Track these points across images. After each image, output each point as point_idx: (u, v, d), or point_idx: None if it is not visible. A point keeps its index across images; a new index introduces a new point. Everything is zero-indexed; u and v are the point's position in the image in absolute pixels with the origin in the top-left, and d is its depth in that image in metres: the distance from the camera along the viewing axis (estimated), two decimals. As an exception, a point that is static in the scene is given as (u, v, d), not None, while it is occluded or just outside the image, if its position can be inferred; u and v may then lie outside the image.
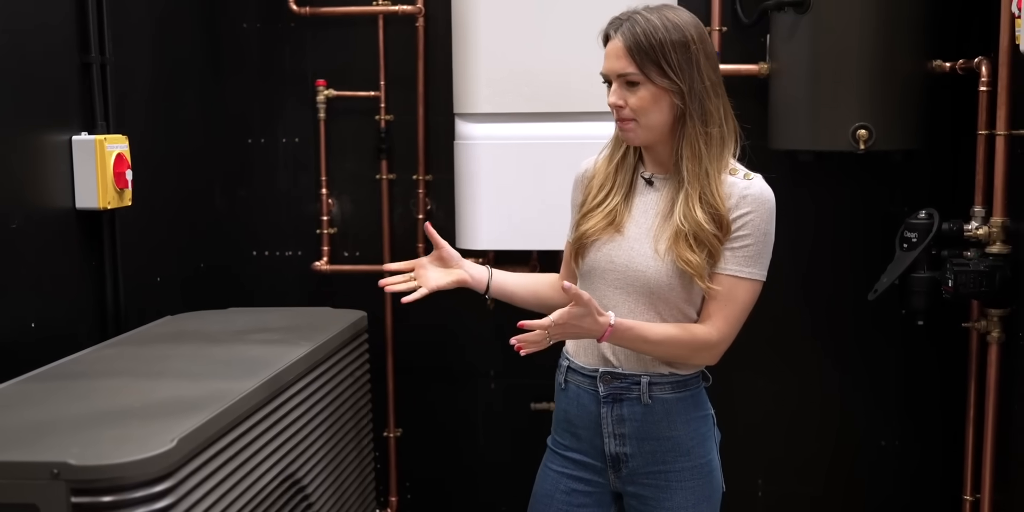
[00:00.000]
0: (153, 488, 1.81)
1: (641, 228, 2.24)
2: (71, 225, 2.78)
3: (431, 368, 3.72)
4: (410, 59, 3.58)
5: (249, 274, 3.69)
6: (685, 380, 2.30)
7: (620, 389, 2.27)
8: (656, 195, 2.26)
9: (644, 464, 2.29)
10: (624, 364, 2.27)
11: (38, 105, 2.66)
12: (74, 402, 2.10)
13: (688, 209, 2.18)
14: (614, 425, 2.29)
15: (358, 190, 3.67)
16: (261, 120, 3.66)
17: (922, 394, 3.52)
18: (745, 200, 2.19)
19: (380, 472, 3.72)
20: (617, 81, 2.18)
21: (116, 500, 1.78)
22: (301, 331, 2.77)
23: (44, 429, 1.93)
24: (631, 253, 2.22)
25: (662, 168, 2.27)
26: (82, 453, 1.79)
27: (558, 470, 2.38)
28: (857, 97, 3.14)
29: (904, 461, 3.56)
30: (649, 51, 2.15)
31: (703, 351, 2.23)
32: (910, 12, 3.14)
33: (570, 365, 2.34)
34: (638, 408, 2.27)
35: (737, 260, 2.20)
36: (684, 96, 2.17)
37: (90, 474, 1.76)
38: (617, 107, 2.19)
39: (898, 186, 3.43)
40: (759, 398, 3.61)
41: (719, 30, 3.45)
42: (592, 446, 2.33)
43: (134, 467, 1.79)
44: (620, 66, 2.17)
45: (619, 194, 2.28)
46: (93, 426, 1.95)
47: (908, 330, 3.37)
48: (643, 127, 2.19)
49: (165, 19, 3.33)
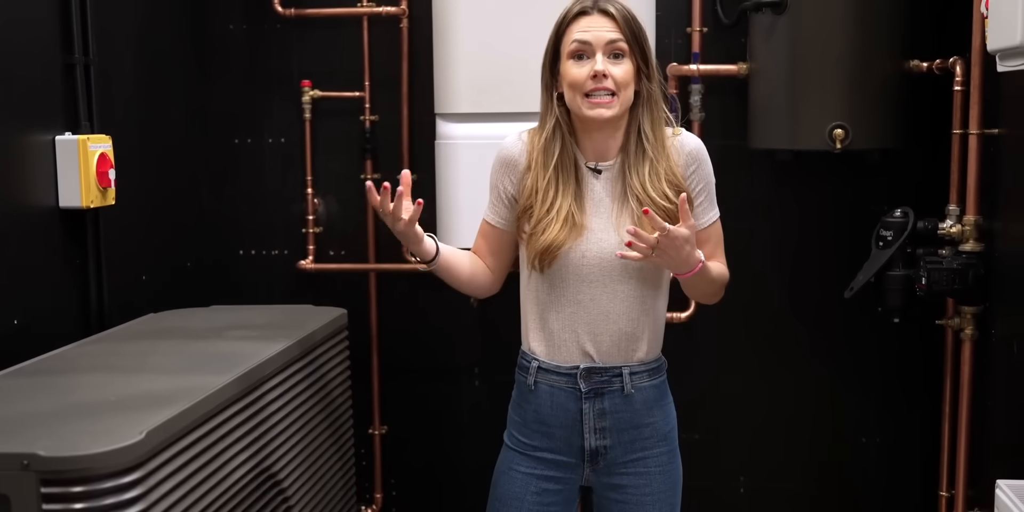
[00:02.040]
0: (122, 479, 1.85)
1: (601, 218, 2.28)
2: (54, 224, 2.81)
3: (416, 365, 3.75)
4: (394, 60, 3.61)
5: (236, 272, 3.73)
6: (657, 367, 2.38)
7: (601, 383, 2.31)
8: (604, 183, 2.31)
9: (623, 454, 2.34)
10: (604, 358, 2.31)
11: (21, 105, 2.69)
12: (49, 396, 2.13)
13: (655, 186, 2.25)
14: (595, 420, 2.32)
15: (343, 190, 3.70)
16: (247, 120, 3.69)
17: (903, 391, 3.55)
18: (690, 156, 2.34)
19: (365, 469, 3.76)
20: (603, 50, 2.23)
21: (85, 490, 1.81)
22: (280, 328, 2.80)
23: (17, 422, 1.97)
24: (600, 245, 2.26)
25: (603, 155, 2.32)
26: (52, 445, 1.82)
27: (527, 472, 2.39)
28: (833, 97, 3.17)
29: (886, 458, 3.59)
30: (636, 28, 2.25)
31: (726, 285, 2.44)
32: (887, 13, 3.17)
33: (540, 365, 2.36)
34: (619, 400, 2.31)
35: (705, 209, 2.36)
36: (651, 78, 2.28)
37: (59, 465, 1.79)
38: (603, 76, 2.21)
39: (877, 185, 3.45)
40: (742, 396, 3.63)
41: (700, 31, 3.48)
42: (567, 444, 2.35)
43: (103, 458, 1.82)
44: (613, 35, 2.23)
45: (567, 193, 2.30)
46: (66, 419, 1.98)
47: (889, 328, 3.39)
48: (620, 103, 2.24)
49: (150, 20, 3.36)
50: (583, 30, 2.24)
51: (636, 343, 2.32)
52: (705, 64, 3.46)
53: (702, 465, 3.55)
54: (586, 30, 2.24)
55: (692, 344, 3.52)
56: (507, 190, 2.39)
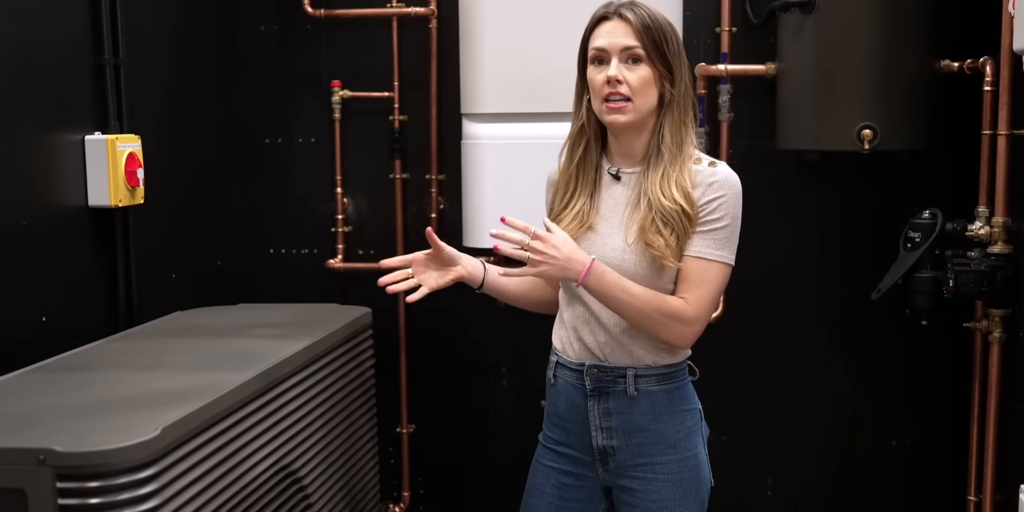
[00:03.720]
0: (137, 475, 1.87)
1: (611, 223, 2.29)
2: (83, 222, 2.86)
3: (444, 365, 3.76)
4: (423, 60, 3.62)
5: (265, 272, 3.76)
6: (671, 373, 2.33)
7: (606, 382, 2.31)
8: (623, 188, 2.31)
9: (631, 457, 2.33)
10: (609, 357, 2.31)
11: (52, 106, 2.74)
12: (68, 392, 2.17)
13: (664, 188, 2.23)
14: (601, 418, 2.32)
15: (372, 189, 3.72)
16: (278, 120, 3.72)
17: (931, 394, 3.52)
18: (713, 186, 2.25)
19: (393, 467, 3.78)
20: (619, 56, 2.23)
21: (101, 486, 1.84)
22: (303, 326, 2.82)
23: (34, 417, 2.00)
24: (604, 249, 2.26)
25: (628, 161, 2.32)
26: (69, 440, 1.85)
27: (548, 465, 2.42)
28: (862, 97, 3.15)
29: (914, 461, 3.56)
30: (655, 33, 2.24)
31: (675, 321, 2.23)
32: (915, 12, 3.14)
33: (558, 360, 2.39)
34: (624, 401, 2.31)
35: (708, 243, 2.24)
36: (674, 83, 2.26)
37: (75, 460, 1.82)
38: (616, 82, 2.22)
39: (905, 186, 3.42)
40: (769, 398, 3.62)
41: (729, 30, 3.47)
42: (581, 440, 2.36)
43: (118, 454, 1.84)
44: (627, 41, 2.22)
45: (584, 194, 2.32)
46: (83, 415, 2.01)
47: (916, 330, 3.36)
48: (635, 108, 2.24)
49: (181, 21, 3.40)
50: (601, 36, 2.26)
51: (639, 347, 2.30)
52: (734, 64, 3.45)
53: (729, 467, 3.53)
54: (604, 36, 2.25)
55: (719, 346, 3.50)
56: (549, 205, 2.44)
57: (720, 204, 2.24)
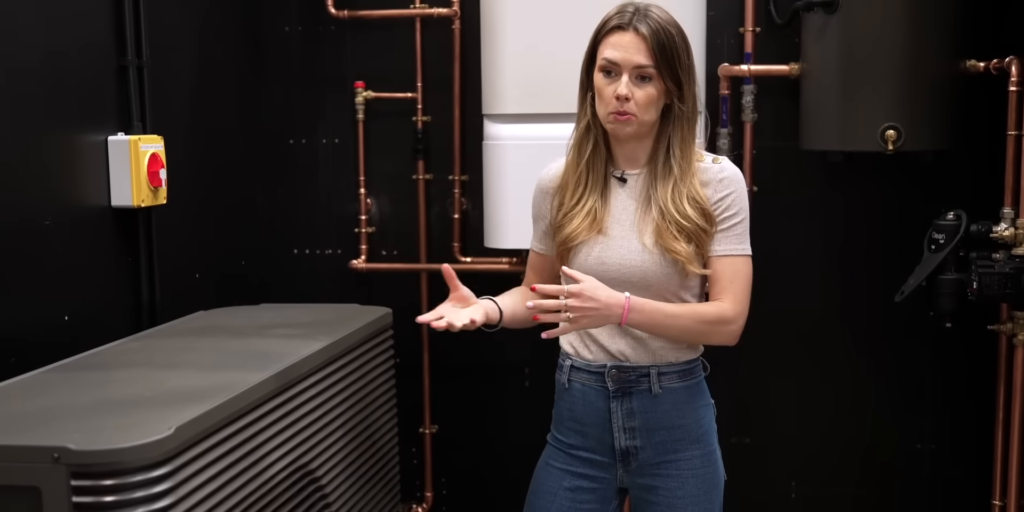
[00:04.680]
0: (151, 473, 1.88)
1: (623, 225, 2.28)
2: (106, 222, 2.88)
3: (467, 365, 3.77)
4: (446, 61, 3.63)
5: (288, 272, 3.78)
6: (690, 369, 2.35)
7: (629, 382, 2.31)
8: (629, 191, 2.31)
9: (654, 455, 2.32)
10: (631, 357, 2.30)
11: (75, 106, 2.76)
12: (84, 391, 2.18)
13: (677, 203, 2.23)
14: (624, 419, 2.32)
15: (396, 190, 3.74)
16: (301, 121, 3.74)
17: (956, 397, 3.49)
18: (723, 183, 2.27)
19: (416, 467, 3.79)
20: (630, 72, 2.20)
21: (115, 484, 1.84)
22: (323, 326, 2.83)
23: (50, 415, 2.01)
24: (620, 251, 2.26)
25: (632, 164, 2.32)
26: (83, 438, 1.85)
27: (561, 467, 2.41)
28: (886, 97, 3.13)
29: (938, 464, 3.53)
30: (669, 50, 2.20)
31: (720, 325, 2.26)
32: (940, 12, 3.11)
33: (573, 363, 2.37)
34: (647, 400, 2.31)
35: (730, 239, 2.27)
36: (683, 98, 2.24)
37: (89, 458, 1.82)
38: (624, 99, 2.20)
39: (930, 187, 3.40)
40: (792, 400, 3.60)
41: (752, 30, 3.45)
42: (600, 442, 2.36)
43: (132, 452, 1.85)
44: (640, 59, 2.19)
45: (595, 193, 2.31)
46: (98, 413, 2.02)
47: (940, 332, 3.34)
48: (639, 122, 2.23)
49: (205, 23, 3.43)
50: (614, 47, 2.22)
51: (661, 346, 2.30)
52: (757, 64, 3.43)
53: (752, 469, 3.53)
54: (617, 48, 2.21)
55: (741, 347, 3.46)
56: (546, 218, 2.41)
57: (733, 200, 2.27)
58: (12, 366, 2.43)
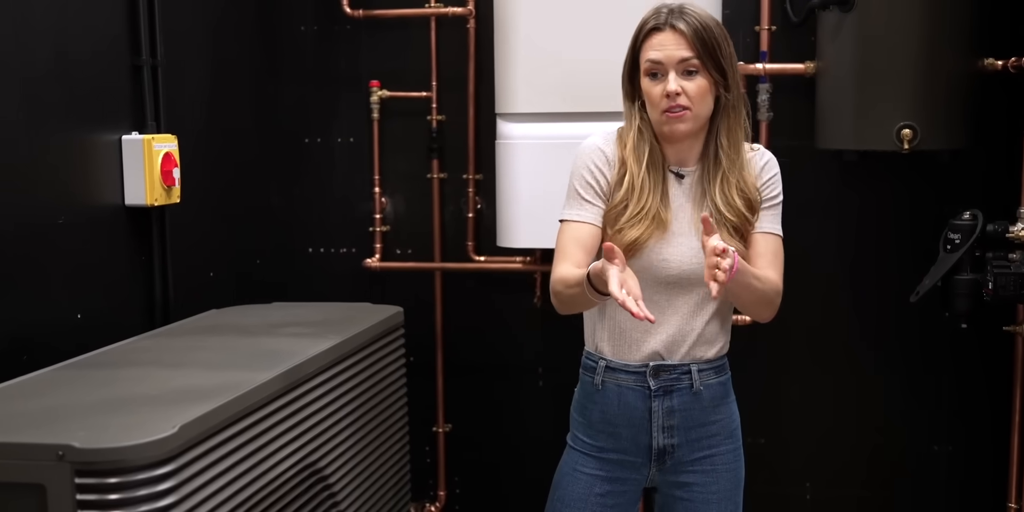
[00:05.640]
0: (155, 471, 1.89)
1: (683, 223, 2.28)
2: (120, 221, 2.89)
3: (481, 364, 3.77)
4: (461, 60, 3.63)
5: (303, 271, 3.79)
6: (723, 365, 2.38)
7: (670, 380, 2.31)
8: (686, 188, 2.31)
9: (690, 452, 2.33)
10: (673, 355, 2.30)
11: (89, 106, 2.78)
12: (93, 389, 2.19)
13: (728, 197, 2.25)
14: (664, 418, 2.31)
15: (410, 189, 3.74)
16: (316, 120, 3.75)
17: (971, 398, 3.46)
18: (765, 168, 2.33)
19: (429, 466, 3.79)
20: (675, 68, 2.20)
21: (119, 482, 1.86)
22: (333, 325, 2.84)
23: (57, 413, 2.03)
24: (681, 249, 2.26)
25: (683, 162, 2.31)
26: (87, 437, 1.87)
27: (591, 473, 2.38)
28: (901, 96, 3.10)
29: (955, 466, 3.50)
30: (709, 42, 2.20)
31: (777, 298, 2.32)
32: (957, 10, 3.09)
33: (608, 364, 2.35)
34: (688, 397, 2.31)
35: (772, 219, 2.33)
36: (728, 88, 2.25)
37: (93, 457, 1.84)
38: (675, 95, 2.19)
39: (946, 186, 3.37)
40: (807, 401, 3.58)
41: (768, 29, 3.44)
42: (634, 443, 2.34)
43: (135, 451, 1.86)
44: (683, 53, 2.19)
45: (656, 193, 2.28)
46: (103, 412, 2.04)
47: (955, 333, 3.30)
48: (694, 116, 2.23)
49: (220, 22, 3.44)
50: (656, 49, 2.22)
51: (706, 343, 2.32)
52: (772, 63, 3.41)
53: (767, 470, 3.51)
54: (659, 49, 2.21)
55: (756, 348, 3.47)
56: (602, 184, 2.31)
57: (775, 182, 2.34)
58: (24, 364, 2.44)
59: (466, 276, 3.72)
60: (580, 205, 2.31)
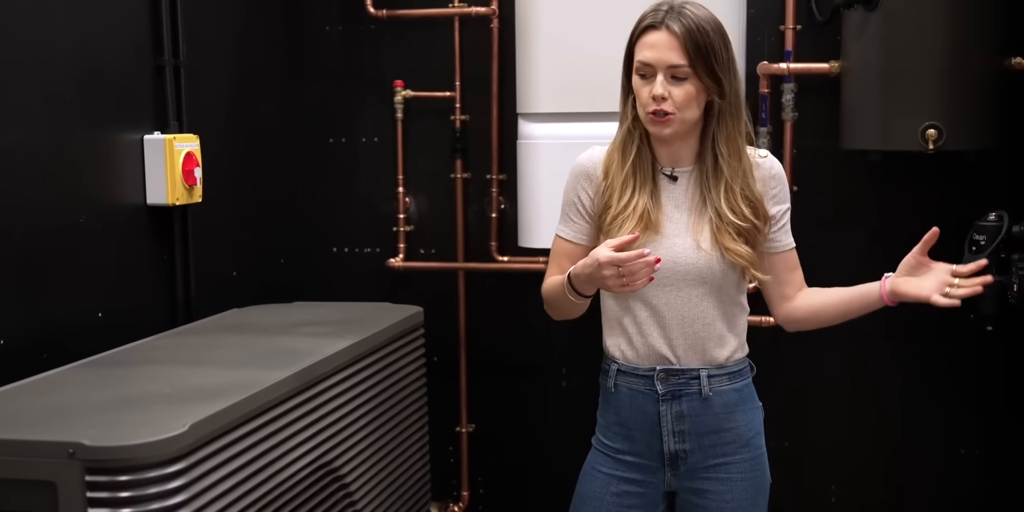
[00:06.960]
0: (166, 469, 1.89)
1: (678, 225, 2.26)
2: (142, 220, 2.91)
3: (504, 365, 3.76)
4: (485, 60, 3.63)
5: (326, 270, 3.80)
6: (739, 371, 2.35)
7: (678, 385, 2.29)
8: (680, 189, 2.29)
9: (703, 458, 2.31)
10: (682, 359, 2.29)
11: (111, 106, 2.79)
12: (107, 387, 2.21)
13: (732, 203, 2.24)
14: (673, 422, 2.30)
15: (434, 189, 3.74)
16: (341, 120, 3.76)
17: (999, 402, 3.42)
18: (774, 178, 2.32)
19: (452, 466, 3.79)
20: (664, 72, 2.18)
21: (130, 480, 1.86)
22: (352, 325, 2.84)
23: (68, 411, 2.04)
24: (675, 249, 2.24)
25: (678, 162, 2.30)
26: (98, 434, 1.88)
27: (608, 472, 2.38)
28: (926, 96, 3.06)
29: (982, 470, 3.46)
30: (704, 48, 2.17)
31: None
32: (983, 8, 3.05)
33: (620, 368, 2.35)
34: (697, 403, 2.29)
35: (787, 232, 2.37)
36: (724, 94, 2.22)
37: (104, 454, 1.85)
38: (661, 99, 2.18)
39: (971, 186, 3.33)
40: (832, 403, 3.55)
41: (793, 28, 3.41)
42: (648, 447, 2.34)
43: (146, 449, 1.87)
44: (673, 59, 2.17)
45: (644, 192, 2.27)
46: (116, 409, 2.05)
47: (981, 335, 3.26)
48: (678, 121, 2.21)
49: (244, 23, 3.45)
50: (648, 49, 2.19)
51: (713, 346, 2.30)
52: (797, 63, 3.38)
53: (792, 473, 3.48)
54: (650, 49, 2.19)
55: (780, 350, 3.44)
56: (584, 203, 2.35)
57: (783, 192, 2.34)
58: (44, 362, 2.46)
59: (489, 276, 3.72)
60: (565, 223, 2.40)
